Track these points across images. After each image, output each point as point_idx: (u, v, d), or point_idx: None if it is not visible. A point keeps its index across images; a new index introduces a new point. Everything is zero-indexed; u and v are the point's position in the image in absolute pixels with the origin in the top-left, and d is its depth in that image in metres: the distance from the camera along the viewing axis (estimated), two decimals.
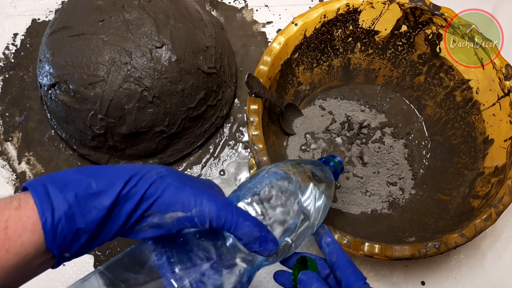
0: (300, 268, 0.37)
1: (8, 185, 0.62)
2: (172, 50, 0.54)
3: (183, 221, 0.31)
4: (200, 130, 0.61)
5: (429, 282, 0.56)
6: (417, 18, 0.55)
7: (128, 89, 0.52)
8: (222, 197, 0.33)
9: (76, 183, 0.29)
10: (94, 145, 0.59)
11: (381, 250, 0.44)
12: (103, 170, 0.31)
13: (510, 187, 0.47)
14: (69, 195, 0.28)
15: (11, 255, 0.26)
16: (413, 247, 0.44)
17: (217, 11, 0.71)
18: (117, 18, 0.54)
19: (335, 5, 0.55)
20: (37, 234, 0.27)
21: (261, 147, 0.48)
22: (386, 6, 0.55)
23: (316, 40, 0.58)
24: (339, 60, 0.62)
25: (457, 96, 0.58)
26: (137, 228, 0.31)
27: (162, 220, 0.31)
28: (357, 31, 0.59)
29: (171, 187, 0.31)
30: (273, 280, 0.39)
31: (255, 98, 0.51)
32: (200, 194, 0.31)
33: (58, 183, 0.28)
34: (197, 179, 0.35)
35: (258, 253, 0.33)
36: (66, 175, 0.30)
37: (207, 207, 0.31)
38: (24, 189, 0.29)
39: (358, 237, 0.45)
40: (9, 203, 0.27)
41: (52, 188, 0.28)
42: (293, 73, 0.59)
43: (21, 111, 0.66)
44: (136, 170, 0.31)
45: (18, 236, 0.26)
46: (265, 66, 0.52)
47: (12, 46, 0.70)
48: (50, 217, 0.27)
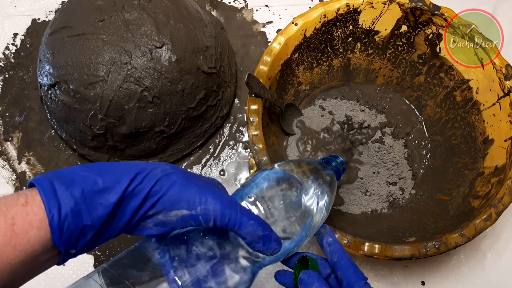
0: (301, 267, 0.37)
1: (8, 185, 0.62)
2: (172, 50, 0.54)
3: (188, 219, 0.31)
4: (200, 130, 0.61)
5: (429, 282, 0.56)
6: (417, 18, 0.55)
7: (128, 89, 0.52)
8: (226, 195, 0.33)
9: (82, 179, 0.29)
10: (94, 145, 0.59)
11: (381, 250, 0.44)
12: (110, 166, 0.31)
13: (510, 187, 0.47)
14: (76, 191, 0.28)
15: (18, 252, 0.26)
16: (413, 247, 0.44)
17: (217, 11, 0.71)
18: (117, 18, 0.54)
19: (335, 5, 0.55)
20: (43, 230, 0.27)
21: (261, 147, 0.48)
22: (386, 6, 0.55)
23: (316, 40, 0.58)
24: (339, 60, 0.62)
25: (457, 96, 0.58)
26: (142, 225, 0.31)
27: (167, 218, 0.31)
28: (357, 31, 0.59)
29: (176, 185, 0.31)
30: (273, 280, 0.39)
31: (255, 98, 0.50)
32: (205, 192, 0.32)
33: (65, 180, 0.28)
34: (202, 177, 0.35)
35: (262, 252, 0.33)
36: (73, 171, 0.30)
37: (212, 206, 0.31)
38: (30, 185, 0.29)
39: (358, 237, 0.45)
40: (16, 200, 0.27)
41: (59, 185, 0.28)
42: (293, 73, 0.59)
43: (21, 111, 0.66)
44: (141, 168, 0.31)
45: (25, 233, 0.26)
46: (265, 66, 0.52)
47: (12, 46, 0.70)
48: (56, 214, 0.27)
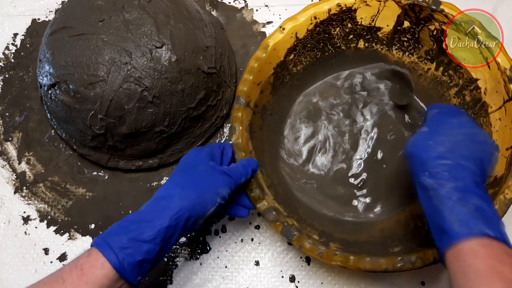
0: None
1: (8, 185, 0.62)
2: (172, 50, 0.54)
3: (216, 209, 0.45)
4: (200, 130, 0.61)
5: (429, 282, 0.55)
6: (417, 14, 0.54)
7: (128, 89, 0.52)
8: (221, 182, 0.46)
9: (125, 230, 0.40)
10: (94, 145, 0.59)
11: (354, 262, 0.44)
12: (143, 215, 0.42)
13: (502, 202, 0.45)
14: (123, 239, 0.39)
15: (90, 285, 0.37)
16: (388, 260, 0.44)
17: (217, 11, 0.71)
18: (117, 18, 0.54)
19: (324, 7, 0.54)
20: (106, 269, 0.37)
21: (243, 155, 0.51)
22: (382, 3, 0.54)
23: (313, 40, 0.57)
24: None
25: (467, 95, 0.56)
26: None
27: (200, 221, 0.45)
28: (357, 28, 0.58)
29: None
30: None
31: (240, 106, 0.53)
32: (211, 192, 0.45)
33: (112, 235, 0.40)
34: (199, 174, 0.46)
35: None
36: (115, 228, 0.41)
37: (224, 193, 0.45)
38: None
39: (345, 245, 0.46)
40: (82, 255, 0.39)
41: (109, 237, 0.39)
42: (290, 73, 0.59)
43: (21, 111, 0.66)
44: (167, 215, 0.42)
45: (92, 273, 0.37)
46: (250, 75, 0.54)
47: (12, 46, 0.70)
48: (115, 257, 0.38)
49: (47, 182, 0.62)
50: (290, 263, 0.57)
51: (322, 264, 0.56)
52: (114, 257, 0.38)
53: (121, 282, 0.39)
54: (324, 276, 0.56)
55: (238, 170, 0.47)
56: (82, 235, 0.59)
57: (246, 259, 0.57)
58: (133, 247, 0.39)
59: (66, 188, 0.62)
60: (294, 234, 0.47)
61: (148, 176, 0.62)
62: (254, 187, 0.49)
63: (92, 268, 0.37)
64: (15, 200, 0.61)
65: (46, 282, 0.38)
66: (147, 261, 0.40)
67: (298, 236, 0.46)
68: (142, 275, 0.40)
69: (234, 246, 0.58)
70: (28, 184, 0.62)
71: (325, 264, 0.56)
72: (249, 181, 0.49)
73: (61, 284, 0.37)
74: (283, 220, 0.47)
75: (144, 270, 0.40)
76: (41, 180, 0.62)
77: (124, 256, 0.38)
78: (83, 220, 0.60)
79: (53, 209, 0.61)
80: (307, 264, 0.57)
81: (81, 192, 0.61)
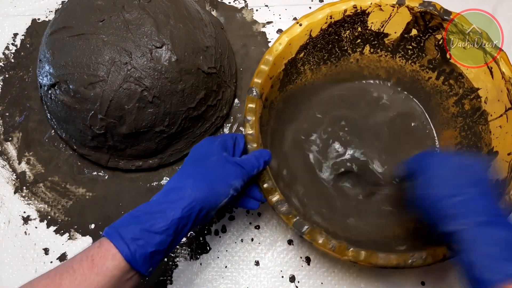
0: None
1: (8, 185, 0.62)
2: (172, 50, 0.54)
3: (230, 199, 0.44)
4: (200, 130, 0.61)
5: (429, 282, 0.56)
6: (427, 22, 0.55)
7: (128, 89, 0.52)
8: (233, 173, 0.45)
9: (137, 220, 0.39)
10: (94, 145, 0.59)
11: (366, 256, 0.44)
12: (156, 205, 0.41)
13: (508, 202, 0.46)
14: (135, 229, 0.38)
15: (101, 277, 0.37)
16: (399, 256, 0.44)
17: (217, 11, 0.71)
18: (117, 18, 0.54)
19: (342, 7, 0.54)
20: (117, 260, 0.37)
21: (255, 146, 0.50)
22: (395, 9, 0.55)
23: (323, 41, 0.57)
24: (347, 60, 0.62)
25: (466, 104, 0.56)
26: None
27: (212, 212, 0.44)
28: (366, 32, 0.58)
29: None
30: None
31: (253, 97, 0.51)
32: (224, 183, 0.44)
33: (124, 224, 0.39)
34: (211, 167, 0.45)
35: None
36: (127, 218, 0.40)
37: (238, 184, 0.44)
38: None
39: (344, 242, 0.45)
40: (93, 245, 0.39)
41: (121, 228, 0.39)
42: (298, 72, 0.59)
43: (21, 111, 0.66)
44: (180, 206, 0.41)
45: (103, 264, 0.37)
46: (266, 66, 0.53)
47: (12, 46, 0.70)
48: (127, 249, 0.37)
49: (47, 182, 0.62)
50: (290, 263, 0.57)
51: (322, 264, 0.56)
52: (126, 248, 0.37)
53: (132, 273, 0.38)
54: (324, 276, 0.56)
55: (250, 162, 0.46)
56: (82, 235, 0.59)
57: (246, 259, 0.57)
58: (145, 238, 0.38)
59: (66, 188, 0.62)
60: (306, 227, 0.46)
61: (148, 176, 0.62)
62: (267, 179, 0.48)
63: (103, 259, 0.37)
64: (15, 200, 0.61)
65: (57, 271, 0.37)
66: (159, 252, 0.39)
67: (311, 229, 0.46)
68: (153, 266, 0.40)
69: (234, 246, 0.58)
70: (28, 184, 0.62)
71: (325, 264, 0.56)
72: (261, 173, 0.48)
73: (71, 274, 0.36)
74: (295, 213, 0.47)
75: (155, 261, 0.39)
76: (41, 180, 0.62)
77: (136, 247, 0.37)
78: (83, 220, 0.60)
79: (53, 209, 0.61)
80: (307, 264, 0.57)
81: (81, 192, 0.61)
